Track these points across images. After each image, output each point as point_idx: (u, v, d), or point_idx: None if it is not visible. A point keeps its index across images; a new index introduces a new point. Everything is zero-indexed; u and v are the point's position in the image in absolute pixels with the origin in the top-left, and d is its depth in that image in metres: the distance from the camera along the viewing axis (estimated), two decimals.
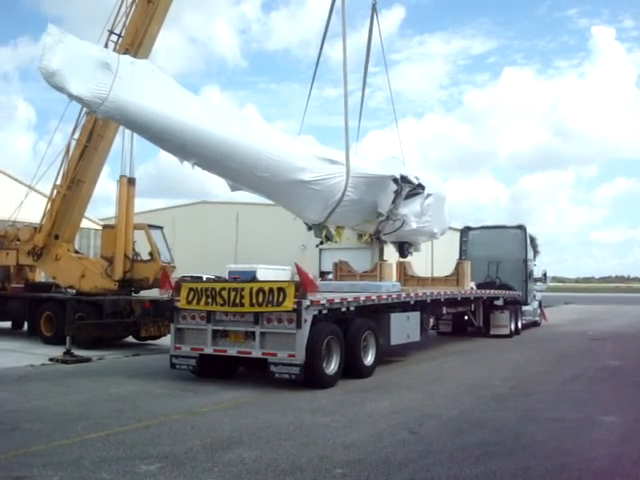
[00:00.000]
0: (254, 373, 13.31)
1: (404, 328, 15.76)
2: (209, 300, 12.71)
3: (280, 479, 6.73)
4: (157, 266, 20.74)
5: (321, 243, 16.43)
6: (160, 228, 23.48)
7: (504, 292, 24.16)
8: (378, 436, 8.65)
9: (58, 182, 19.00)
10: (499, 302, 24.06)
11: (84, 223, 25.24)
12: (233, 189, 14.75)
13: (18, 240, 20.51)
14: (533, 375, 14.35)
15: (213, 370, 13.23)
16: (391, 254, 21.01)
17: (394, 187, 16.12)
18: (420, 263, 38.06)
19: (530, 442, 8.51)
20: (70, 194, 18.80)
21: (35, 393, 11.53)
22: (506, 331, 23.70)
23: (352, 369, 13.20)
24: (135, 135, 18.86)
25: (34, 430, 8.78)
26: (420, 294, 17.01)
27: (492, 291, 23.09)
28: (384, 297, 15.04)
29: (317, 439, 8.41)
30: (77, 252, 20.98)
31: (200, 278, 32.48)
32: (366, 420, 9.57)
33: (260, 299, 12.15)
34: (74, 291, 19.34)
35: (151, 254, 21.61)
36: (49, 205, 19.53)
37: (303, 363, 11.71)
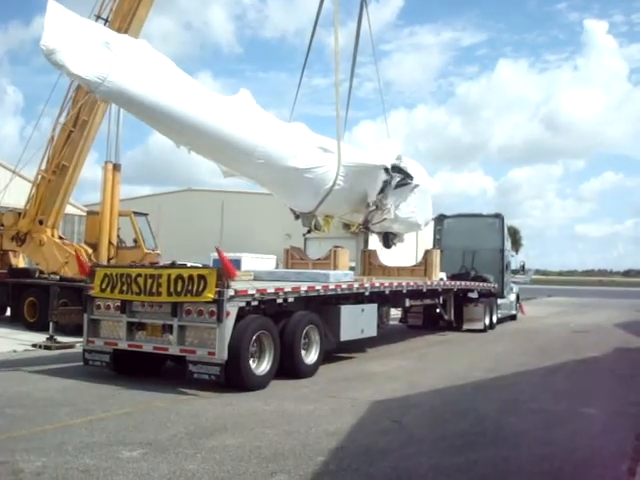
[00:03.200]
0: None
1: (358, 322, 14.32)
2: (124, 288, 11.35)
3: (263, 466, 6.76)
4: (142, 253, 20.72)
5: (308, 232, 16.42)
6: (145, 215, 23.43)
7: (477, 284, 22.74)
8: (360, 425, 8.70)
9: (43, 167, 18.88)
10: (473, 294, 22.72)
11: (68, 209, 25.13)
12: (226, 175, 14.69)
13: (2, 225, 20.38)
14: (515, 366, 14.43)
15: (133, 366, 11.83)
16: (375, 245, 20.78)
17: (384, 177, 16.11)
18: (410, 254, 38.23)
19: (511, 432, 8.59)
20: (55, 179, 18.69)
21: (18, 379, 11.48)
22: (480, 325, 22.39)
23: (290, 368, 11.83)
24: (122, 121, 18.79)
25: (17, 415, 8.76)
26: (377, 284, 15.58)
27: (463, 283, 21.47)
28: (331, 287, 13.49)
29: (300, 427, 8.45)
30: (61, 238, 20.86)
31: (184, 266, 32.44)
32: (349, 409, 9.61)
33: (179, 288, 10.72)
34: (58, 277, 19.25)
35: (135, 241, 21.57)
36: (33, 190, 19.41)
37: (224, 362, 10.32)
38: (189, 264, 13.20)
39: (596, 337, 21.87)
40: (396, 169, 16.34)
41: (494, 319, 23.95)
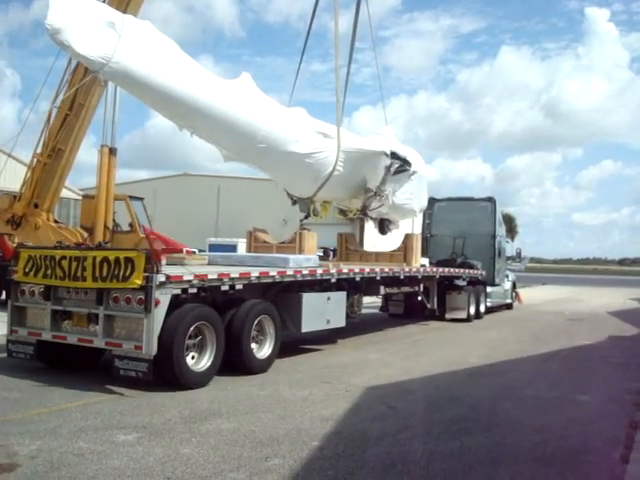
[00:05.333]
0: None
1: (322, 311, 13.24)
2: (48, 272, 10.20)
3: (258, 450, 6.78)
4: (137, 237, 20.64)
5: (305, 218, 16.31)
6: (141, 199, 23.35)
7: (462, 271, 21.55)
8: (355, 410, 8.72)
9: (38, 150, 18.79)
10: (462, 282, 21.61)
11: (64, 193, 25.05)
12: (227, 159, 14.58)
13: None
14: (509, 353, 14.46)
15: (67, 358, 10.71)
16: (371, 231, 20.54)
17: (385, 163, 16.03)
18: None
19: (505, 419, 8.62)
20: (50, 163, 18.60)
21: (12, 362, 11.44)
22: (463, 314, 21.15)
23: (238, 363, 10.81)
24: (118, 104, 18.68)
25: (11, 399, 8.75)
26: (345, 270, 14.36)
27: (446, 270, 20.37)
28: (289, 273, 12.42)
29: (295, 412, 8.47)
30: (57, 221, 20.78)
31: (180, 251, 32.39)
32: (344, 394, 9.63)
33: (104, 272, 9.55)
34: None
35: (131, 225, 21.50)
36: (29, 173, 19.32)
37: (151, 358, 9.16)
38: (184, 250, 12.90)
39: (590, 325, 21.94)
40: (394, 155, 16.26)
41: (481, 308, 22.83)
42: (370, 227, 18.85)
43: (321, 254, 22.48)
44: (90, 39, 10.11)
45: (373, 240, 18.09)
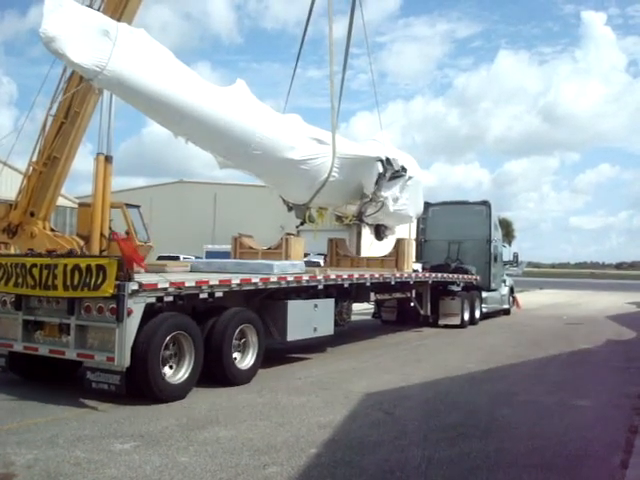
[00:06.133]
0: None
1: (309, 319, 12.86)
2: (19, 280, 9.82)
3: (255, 458, 6.75)
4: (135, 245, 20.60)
5: (301, 224, 16.29)
6: (137, 207, 23.35)
7: (455, 276, 21.05)
8: (353, 417, 8.70)
9: (34, 159, 18.75)
10: (456, 287, 21.12)
11: (60, 201, 25.00)
12: (222, 166, 14.55)
13: None
14: (508, 358, 14.45)
15: (36, 370, 10.38)
16: (367, 237, 20.49)
17: (379, 169, 16.01)
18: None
19: (504, 424, 8.60)
20: (46, 171, 18.54)
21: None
22: (457, 320, 20.78)
23: (219, 374, 10.47)
24: (113, 112, 18.66)
25: (8, 408, 8.72)
26: (332, 277, 13.89)
27: (439, 275, 19.81)
28: (273, 280, 11.94)
29: (293, 419, 8.44)
30: (53, 230, 20.74)
31: (177, 258, 32.41)
32: (342, 401, 9.59)
33: (75, 280, 9.14)
34: None
35: (128, 233, 21.47)
36: (25, 182, 19.28)
37: (124, 370, 8.76)
38: (182, 257, 12.79)
39: (588, 329, 21.93)
40: (389, 161, 16.25)
41: (476, 314, 22.47)
42: (366, 233, 18.86)
43: (320, 260, 22.48)
44: (84, 47, 10.08)
45: (371, 245, 18.07)
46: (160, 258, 28.59)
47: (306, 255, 33.20)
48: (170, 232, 47.41)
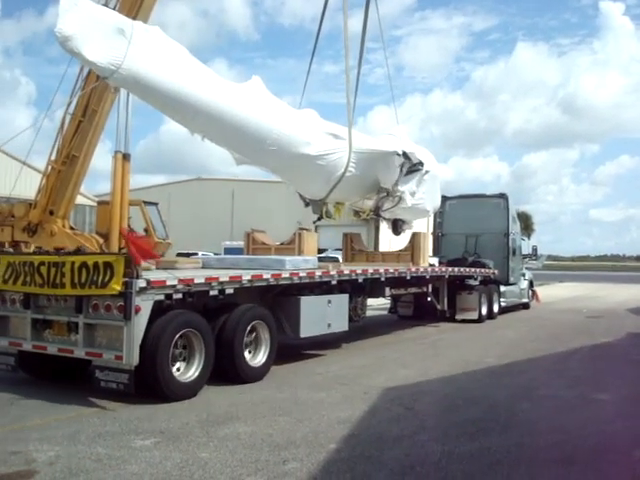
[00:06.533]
0: None
1: (323, 315, 12.71)
2: (27, 279, 9.74)
3: (275, 454, 6.77)
4: (152, 242, 20.72)
5: (318, 219, 16.28)
6: (155, 204, 23.50)
7: (473, 270, 20.76)
8: (373, 412, 8.69)
9: (53, 158, 18.88)
10: (474, 282, 20.80)
11: (79, 199, 25.15)
12: (238, 163, 14.57)
13: (12, 216, 20.40)
14: (528, 352, 14.38)
15: (47, 369, 10.31)
16: (385, 232, 20.39)
17: (397, 163, 15.98)
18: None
19: (524, 419, 8.57)
20: (65, 170, 18.68)
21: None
22: (474, 315, 20.47)
23: (231, 372, 10.32)
24: (131, 110, 18.74)
25: (29, 405, 8.80)
26: (346, 272, 13.73)
27: (455, 269, 19.58)
28: (285, 276, 11.81)
29: (312, 415, 8.45)
30: (72, 228, 20.89)
31: (196, 255, 32.51)
32: (361, 396, 9.60)
33: (83, 278, 9.05)
34: None
35: (146, 230, 21.61)
36: (44, 181, 19.43)
37: (133, 368, 8.63)
38: (200, 253, 12.81)
39: (609, 322, 21.77)
40: (406, 155, 16.19)
41: (494, 308, 22.16)
42: (384, 228, 18.81)
43: (339, 256, 22.46)
44: (100, 46, 10.09)
45: (391, 240, 17.98)
46: (179, 255, 28.73)
47: (324, 251, 33.16)
48: (188, 229, 47.65)
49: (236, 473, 6.19)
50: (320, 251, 44.41)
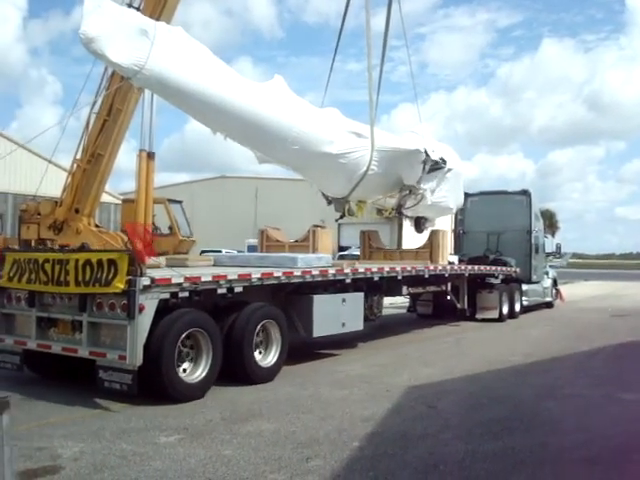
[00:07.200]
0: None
1: (337, 314, 12.41)
2: (32, 276, 9.63)
3: (298, 452, 6.78)
4: (177, 240, 20.88)
5: (341, 217, 16.28)
6: (179, 202, 23.65)
7: (493, 268, 20.39)
8: (396, 410, 8.68)
9: (78, 156, 19.06)
10: (494, 280, 20.49)
11: (104, 197, 25.38)
12: (261, 161, 14.62)
13: (39, 214, 20.63)
14: (552, 351, 14.28)
15: (54, 367, 10.16)
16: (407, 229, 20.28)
17: (420, 160, 15.94)
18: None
19: (548, 418, 8.51)
20: (90, 168, 18.86)
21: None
22: (495, 314, 20.07)
23: (240, 373, 10.10)
24: (155, 109, 18.86)
25: (55, 401, 8.88)
26: (361, 270, 13.43)
27: (475, 267, 19.26)
28: (297, 274, 11.56)
29: (335, 412, 8.45)
30: (97, 226, 21.08)
31: (219, 253, 32.64)
32: (385, 394, 9.59)
33: (87, 276, 8.90)
34: None
35: (171, 228, 21.75)
36: (69, 179, 19.62)
37: (136, 369, 8.40)
38: (224, 251, 12.80)
39: (634, 321, 21.52)
40: (428, 153, 16.13)
41: (516, 307, 21.74)
42: (407, 226, 18.75)
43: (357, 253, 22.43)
44: (123, 47, 10.17)
45: (414, 238, 17.88)
46: (202, 252, 28.87)
47: (347, 248, 32.99)
48: (212, 227, 47.86)
49: (259, 470, 6.21)
50: (342, 249, 44.43)
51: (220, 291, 10.00)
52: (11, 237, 27.11)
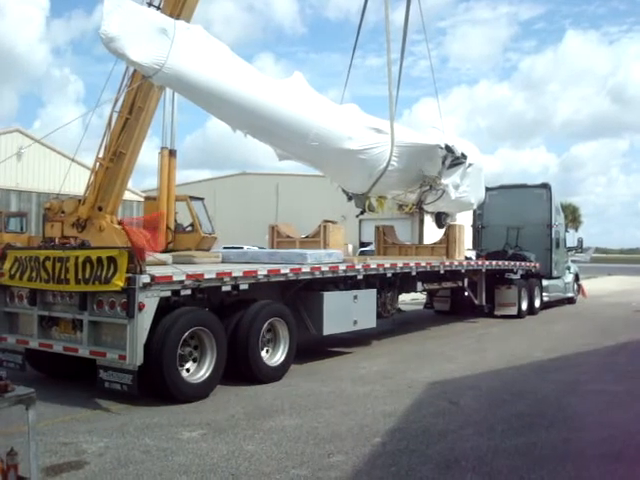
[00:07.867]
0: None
1: (348, 311, 12.12)
2: (33, 274, 9.44)
3: (320, 447, 6.81)
4: (199, 237, 20.96)
5: (362, 213, 16.28)
6: (201, 199, 23.72)
7: (512, 263, 20.01)
8: (418, 406, 8.69)
9: (100, 155, 19.20)
10: (513, 275, 20.09)
11: (127, 195, 25.55)
12: (281, 158, 14.65)
13: (62, 212, 20.81)
14: (575, 347, 14.20)
15: (56, 368, 10.10)
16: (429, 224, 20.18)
17: (439, 156, 15.91)
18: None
19: (571, 414, 8.47)
20: (112, 166, 18.98)
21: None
22: (513, 311, 19.73)
23: (246, 372, 9.86)
24: (176, 107, 18.98)
25: (81, 397, 8.97)
26: (373, 266, 13.01)
27: (493, 262, 18.80)
28: (305, 270, 11.26)
29: (357, 408, 8.48)
30: (120, 223, 21.23)
31: (241, 249, 32.78)
32: (406, 390, 9.60)
33: (87, 274, 8.69)
34: None
35: (192, 225, 21.84)
36: (92, 177, 19.77)
37: (136, 369, 8.20)
38: (245, 247, 12.79)
39: None
40: (449, 148, 16.08)
41: (536, 303, 21.36)
42: (428, 221, 18.70)
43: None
44: (143, 46, 10.25)
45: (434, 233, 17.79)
46: (225, 249, 28.96)
47: (369, 244, 32.91)
48: (234, 223, 48.00)
49: (281, 465, 6.25)
50: (363, 245, 44.38)
51: (225, 288, 9.77)
52: (35, 235, 27.43)
